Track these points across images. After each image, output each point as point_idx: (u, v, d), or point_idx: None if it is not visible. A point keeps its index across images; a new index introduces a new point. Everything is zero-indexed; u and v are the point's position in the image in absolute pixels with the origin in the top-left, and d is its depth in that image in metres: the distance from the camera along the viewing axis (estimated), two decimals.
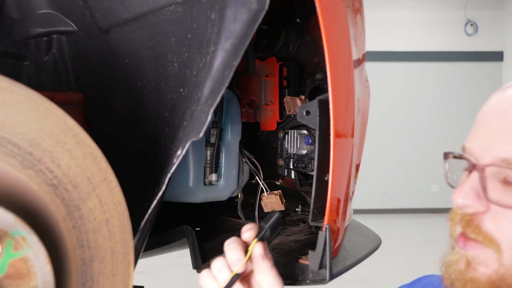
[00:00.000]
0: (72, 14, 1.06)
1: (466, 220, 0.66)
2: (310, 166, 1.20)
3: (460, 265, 0.67)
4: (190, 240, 1.04)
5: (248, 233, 0.76)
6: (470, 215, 0.66)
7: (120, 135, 1.05)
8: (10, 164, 0.60)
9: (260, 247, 0.76)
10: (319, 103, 0.85)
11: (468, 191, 0.65)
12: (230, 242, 0.77)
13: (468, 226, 0.65)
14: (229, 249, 0.76)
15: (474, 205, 0.65)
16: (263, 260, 0.76)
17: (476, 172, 0.66)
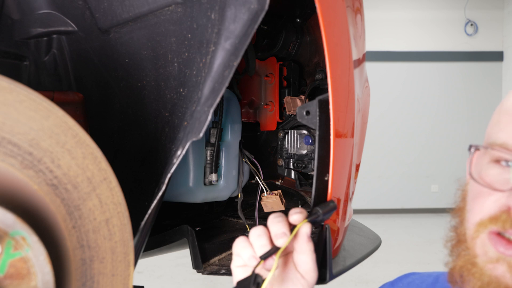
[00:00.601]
0: (72, 14, 1.06)
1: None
2: (310, 166, 1.20)
3: (496, 270, 0.62)
4: (190, 240, 1.04)
5: (297, 216, 0.71)
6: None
7: (120, 135, 1.05)
8: (10, 164, 0.60)
9: (308, 227, 0.71)
10: (319, 103, 0.85)
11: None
12: (277, 215, 0.72)
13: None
14: (275, 222, 0.71)
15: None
16: (308, 241, 0.71)
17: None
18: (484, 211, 0.65)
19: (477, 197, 0.66)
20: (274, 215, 0.72)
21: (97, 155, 0.65)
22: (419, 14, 7.76)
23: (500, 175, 0.64)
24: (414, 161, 7.77)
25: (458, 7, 7.71)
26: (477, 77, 7.66)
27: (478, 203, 0.66)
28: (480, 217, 0.65)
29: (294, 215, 0.71)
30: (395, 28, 7.76)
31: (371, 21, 6.30)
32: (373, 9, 7.41)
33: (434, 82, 7.81)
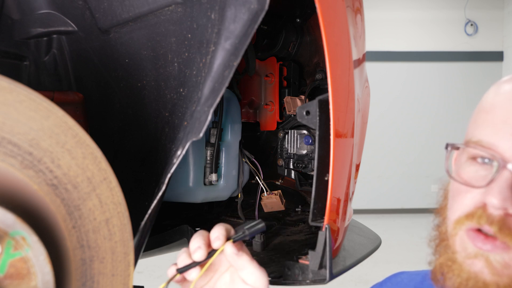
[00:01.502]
0: (72, 14, 1.06)
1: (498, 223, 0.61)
2: (310, 166, 1.20)
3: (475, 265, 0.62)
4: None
5: (217, 242, 0.74)
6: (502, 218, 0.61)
7: (120, 135, 1.05)
8: (10, 164, 0.60)
9: (231, 246, 0.74)
10: (319, 103, 0.84)
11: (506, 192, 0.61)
12: (198, 233, 0.77)
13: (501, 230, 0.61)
14: (192, 239, 0.76)
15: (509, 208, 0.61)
16: (239, 257, 0.74)
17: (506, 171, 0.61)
18: (462, 208, 0.66)
19: (456, 195, 0.68)
20: (196, 234, 0.77)
21: (97, 155, 0.65)
22: (419, 14, 7.75)
23: (476, 172, 0.65)
24: (414, 161, 7.77)
25: (458, 7, 7.71)
26: (477, 77, 7.65)
27: (456, 201, 0.67)
28: (458, 214, 0.66)
29: (214, 242, 0.75)
30: (395, 28, 7.76)
31: (371, 21, 6.29)
32: (373, 9, 7.41)
33: (434, 82, 7.81)
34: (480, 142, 0.65)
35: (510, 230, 0.60)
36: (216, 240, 0.74)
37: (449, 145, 0.69)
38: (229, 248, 0.74)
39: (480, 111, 0.68)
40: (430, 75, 7.81)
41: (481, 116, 0.67)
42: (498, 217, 0.61)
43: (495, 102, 0.66)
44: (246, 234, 0.76)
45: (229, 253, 0.74)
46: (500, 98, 0.66)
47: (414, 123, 7.82)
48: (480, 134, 0.65)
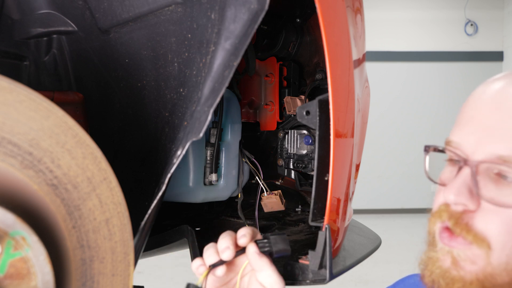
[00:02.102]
0: (72, 14, 1.06)
1: (455, 218, 0.64)
2: (310, 166, 1.20)
3: (445, 262, 0.65)
4: (190, 240, 1.04)
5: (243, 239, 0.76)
6: (459, 213, 0.64)
7: (120, 135, 1.05)
8: (10, 164, 0.60)
9: (254, 246, 0.76)
10: (319, 103, 0.85)
11: (461, 188, 0.63)
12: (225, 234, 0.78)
13: (457, 224, 0.63)
14: (220, 238, 0.77)
15: (467, 203, 0.63)
16: (260, 257, 0.75)
17: (467, 168, 0.64)
18: (435, 206, 0.69)
19: (435, 195, 0.71)
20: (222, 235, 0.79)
21: (97, 155, 0.65)
22: (419, 14, 7.76)
23: (451, 172, 0.68)
24: (414, 161, 7.77)
25: (458, 7, 7.71)
26: (477, 77, 7.65)
27: (435, 200, 0.71)
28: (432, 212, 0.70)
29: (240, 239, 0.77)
30: (395, 28, 7.76)
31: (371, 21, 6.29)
32: (373, 9, 7.41)
33: (434, 82, 7.81)
34: (450, 143, 0.68)
35: (466, 225, 0.63)
36: (242, 237, 0.76)
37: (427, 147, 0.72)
38: (252, 247, 0.75)
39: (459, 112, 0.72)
40: (430, 75, 7.81)
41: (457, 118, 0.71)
42: (456, 212, 0.64)
43: (467, 103, 0.70)
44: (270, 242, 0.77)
45: (251, 252, 0.75)
46: (471, 99, 0.69)
47: (414, 123, 7.82)
48: (451, 135, 0.69)
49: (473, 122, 0.66)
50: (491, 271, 0.62)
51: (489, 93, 0.67)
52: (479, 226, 0.62)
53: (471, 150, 0.64)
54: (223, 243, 0.76)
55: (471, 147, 0.64)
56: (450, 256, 0.64)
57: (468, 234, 0.63)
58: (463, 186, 0.63)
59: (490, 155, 0.62)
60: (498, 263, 0.62)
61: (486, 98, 0.67)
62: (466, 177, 0.64)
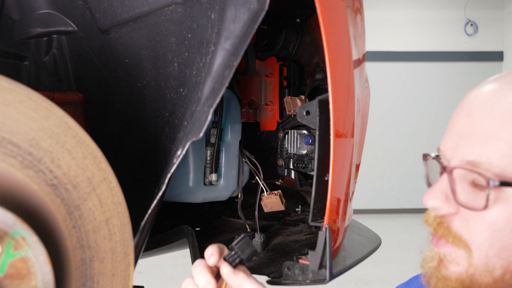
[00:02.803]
0: (72, 14, 1.06)
1: (437, 222, 0.67)
2: (310, 166, 1.20)
3: (434, 262, 0.68)
4: (190, 240, 1.04)
5: (211, 259, 0.76)
6: (440, 217, 0.67)
7: (120, 135, 1.05)
8: (10, 164, 0.60)
9: (226, 266, 0.76)
10: (319, 103, 0.85)
11: (437, 193, 0.66)
12: (196, 265, 0.77)
13: (438, 227, 0.67)
14: (196, 274, 0.76)
15: (443, 207, 0.65)
16: (235, 275, 0.75)
17: (445, 174, 0.66)
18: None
19: None
20: (193, 266, 0.77)
21: (97, 155, 0.65)
22: (419, 14, 7.75)
23: None
24: (414, 161, 7.75)
25: (458, 7, 7.71)
26: (477, 77, 7.65)
27: None
28: None
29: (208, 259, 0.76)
30: (395, 28, 7.76)
31: (371, 21, 6.29)
32: (373, 9, 7.41)
33: (434, 82, 7.81)
34: (438, 150, 0.71)
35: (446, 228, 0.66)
36: (211, 257, 0.76)
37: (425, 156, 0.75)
38: (225, 268, 0.76)
39: None
40: (430, 75, 7.80)
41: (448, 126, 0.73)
42: (432, 217, 0.68)
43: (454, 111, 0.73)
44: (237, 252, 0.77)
45: (226, 273, 0.76)
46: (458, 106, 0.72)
47: (414, 123, 7.82)
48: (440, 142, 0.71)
49: (451, 129, 0.69)
50: (473, 271, 0.65)
51: (465, 102, 0.70)
52: (458, 229, 0.65)
53: (449, 157, 0.67)
54: (201, 279, 0.75)
55: (449, 154, 0.67)
56: (438, 256, 0.68)
57: (448, 236, 0.66)
58: (438, 191, 0.66)
59: (461, 160, 0.65)
60: (479, 263, 0.64)
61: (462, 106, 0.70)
62: (443, 182, 0.66)
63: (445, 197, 0.65)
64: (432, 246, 0.69)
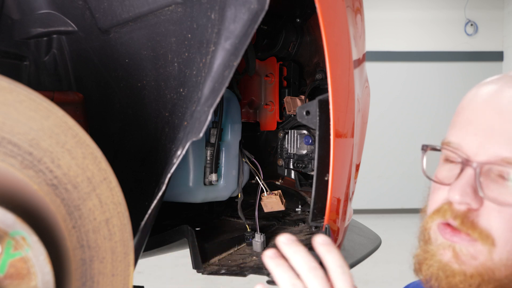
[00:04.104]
0: (72, 14, 1.06)
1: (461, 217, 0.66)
2: (310, 166, 1.20)
3: (444, 256, 0.67)
4: (190, 240, 1.04)
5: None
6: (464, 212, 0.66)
7: (120, 135, 1.05)
8: (10, 164, 0.60)
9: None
10: (319, 103, 0.85)
11: (466, 189, 0.65)
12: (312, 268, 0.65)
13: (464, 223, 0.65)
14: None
15: (472, 203, 0.65)
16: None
17: (469, 169, 0.66)
18: (434, 204, 0.71)
19: (432, 192, 0.73)
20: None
21: (97, 155, 0.65)
22: (419, 14, 7.75)
23: (449, 171, 0.70)
24: (414, 161, 7.75)
25: (458, 7, 7.70)
26: (477, 77, 7.62)
27: (432, 198, 0.73)
28: (431, 209, 0.72)
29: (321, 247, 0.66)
30: (395, 28, 7.75)
31: (371, 21, 6.29)
32: (373, 9, 7.41)
33: (434, 82, 7.81)
34: (449, 143, 0.70)
35: (472, 223, 0.65)
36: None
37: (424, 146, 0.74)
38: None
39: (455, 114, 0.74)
40: (430, 75, 7.80)
41: (454, 119, 0.73)
42: (460, 211, 0.66)
43: (463, 105, 0.72)
44: None
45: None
46: (468, 101, 0.72)
47: (414, 123, 7.81)
48: (450, 135, 0.70)
49: (474, 124, 0.67)
50: (492, 265, 0.64)
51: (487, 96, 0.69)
52: (484, 224, 0.65)
53: (473, 151, 0.66)
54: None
55: (473, 149, 0.66)
56: (452, 250, 0.66)
57: (474, 232, 0.65)
58: (467, 187, 0.65)
59: (494, 156, 0.64)
60: (499, 258, 0.64)
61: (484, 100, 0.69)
62: (469, 177, 0.65)
63: (473, 192, 0.65)
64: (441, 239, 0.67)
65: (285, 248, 0.66)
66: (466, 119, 0.69)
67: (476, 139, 0.66)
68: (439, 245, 0.68)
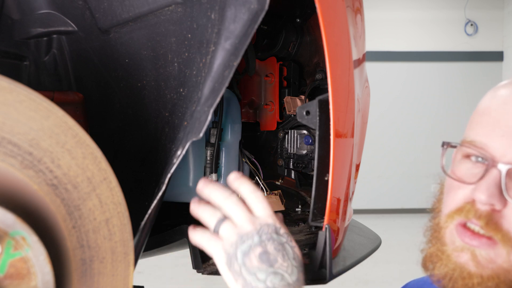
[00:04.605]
0: (72, 14, 1.06)
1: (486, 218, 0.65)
2: (310, 166, 1.20)
3: (461, 257, 0.66)
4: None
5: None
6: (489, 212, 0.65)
7: (120, 135, 1.05)
8: (10, 164, 0.60)
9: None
10: (319, 103, 0.85)
11: (493, 189, 0.64)
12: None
13: (488, 224, 0.65)
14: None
15: (497, 204, 0.64)
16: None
17: (495, 169, 0.65)
18: (454, 203, 0.70)
19: (450, 190, 0.72)
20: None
21: (97, 155, 0.65)
22: (419, 14, 7.75)
23: (469, 170, 0.69)
24: (414, 161, 7.77)
25: (458, 7, 7.71)
26: (477, 77, 7.65)
27: (450, 196, 0.72)
28: (450, 208, 0.71)
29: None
30: (395, 28, 7.76)
31: (371, 21, 6.29)
32: (373, 9, 7.41)
33: (434, 82, 7.81)
34: (473, 142, 0.69)
35: (496, 225, 0.65)
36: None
37: (445, 143, 0.74)
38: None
39: (476, 113, 0.73)
40: (430, 75, 7.80)
41: (476, 118, 0.71)
42: (485, 212, 0.65)
43: (489, 105, 0.70)
44: None
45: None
46: (494, 101, 0.70)
47: (414, 123, 7.82)
48: (474, 134, 0.69)
49: (501, 125, 0.67)
50: (508, 267, 0.64)
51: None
52: (507, 226, 0.65)
53: (500, 152, 0.66)
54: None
55: (500, 150, 0.66)
56: (470, 253, 0.66)
57: (497, 234, 0.64)
58: (494, 187, 0.65)
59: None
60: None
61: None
62: (495, 178, 0.65)
63: (499, 193, 0.64)
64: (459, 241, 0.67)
65: (202, 191, 0.75)
66: (492, 120, 0.68)
67: (503, 140, 0.66)
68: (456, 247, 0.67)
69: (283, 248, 0.71)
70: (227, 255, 0.70)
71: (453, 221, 0.68)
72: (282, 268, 0.69)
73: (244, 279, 0.68)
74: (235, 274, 0.69)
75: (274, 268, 0.68)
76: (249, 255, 0.68)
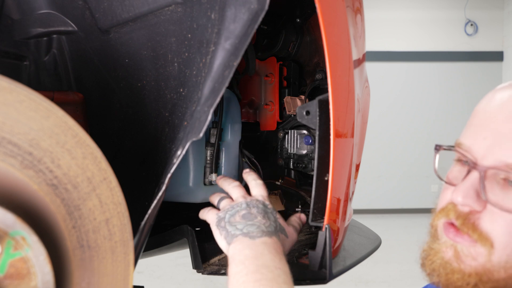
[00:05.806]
0: (72, 14, 1.06)
1: (462, 218, 0.67)
2: (310, 166, 1.20)
3: (446, 254, 0.69)
4: (190, 240, 1.04)
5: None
6: (466, 213, 0.67)
7: (120, 135, 1.05)
8: (10, 164, 0.60)
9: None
10: (319, 103, 0.85)
11: (470, 191, 0.66)
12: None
13: (464, 224, 0.67)
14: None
15: (474, 205, 0.66)
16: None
17: (475, 171, 0.67)
18: (441, 203, 0.73)
19: (442, 191, 0.75)
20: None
21: (97, 155, 0.65)
22: (419, 14, 7.75)
23: (459, 172, 0.71)
24: (414, 161, 7.76)
25: (458, 7, 7.70)
26: (477, 77, 7.65)
27: (440, 196, 0.75)
28: (438, 208, 0.73)
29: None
30: (395, 28, 7.76)
31: (371, 21, 6.29)
32: (373, 9, 7.41)
33: (434, 82, 7.81)
34: (460, 145, 0.71)
35: (472, 225, 0.67)
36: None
37: (437, 146, 0.75)
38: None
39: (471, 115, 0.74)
40: (430, 75, 7.80)
41: (469, 121, 0.73)
42: (463, 213, 0.68)
43: (479, 107, 0.72)
44: None
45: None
46: (484, 103, 0.72)
47: (414, 123, 7.82)
48: (463, 137, 0.72)
49: (485, 128, 0.68)
50: (490, 267, 0.66)
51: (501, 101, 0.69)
52: (485, 227, 0.66)
53: (480, 154, 0.67)
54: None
55: (481, 152, 0.67)
56: (453, 249, 0.68)
57: (474, 233, 0.66)
58: (470, 189, 0.66)
59: (499, 162, 0.65)
60: (498, 261, 0.65)
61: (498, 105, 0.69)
62: (474, 180, 0.67)
63: (477, 195, 0.66)
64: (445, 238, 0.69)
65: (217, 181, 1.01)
66: (478, 122, 0.70)
67: (485, 142, 0.67)
68: (443, 243, 0.70)
69: (265, 212, 0.85)
70: (218, 217, 0.88)
71: (441, 220, 0.71)
72: (260, 222, 0.82)
73: (226, 230, 0.84)
74: (220, 229, 0.85)
75: (252, 222, 0.83)
76: (235, 216, 0.85)
